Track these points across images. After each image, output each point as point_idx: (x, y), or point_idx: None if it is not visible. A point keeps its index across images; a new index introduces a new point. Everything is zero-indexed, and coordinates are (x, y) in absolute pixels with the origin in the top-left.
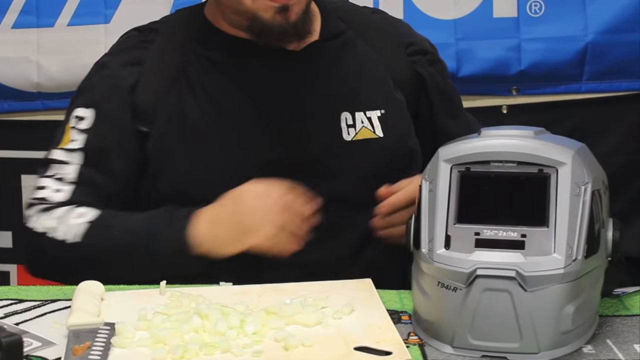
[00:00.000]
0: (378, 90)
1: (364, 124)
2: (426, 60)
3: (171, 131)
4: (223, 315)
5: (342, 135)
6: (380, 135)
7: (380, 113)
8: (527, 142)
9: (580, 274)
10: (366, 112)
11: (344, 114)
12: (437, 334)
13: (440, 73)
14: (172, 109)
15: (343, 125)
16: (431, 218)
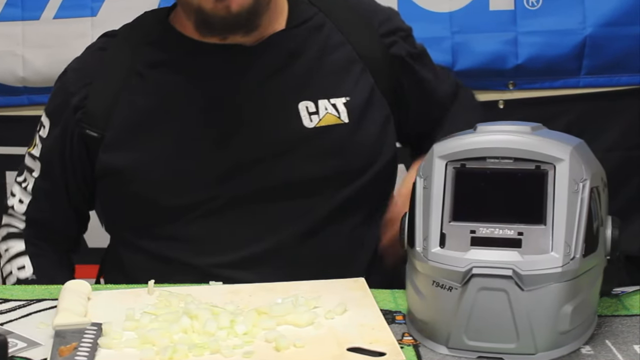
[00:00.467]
0: (344, 76)
1: (328, 111)
2: (399, 38)
3: (124, 136)
4: (213, 315)
5: (302, 123)
6: (345, 120)
7: (345, 100)
8: (524, 138)
9: (578, 272)
10: (330, 99)
11: (303, 103)
12: (432, 334)
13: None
14: (124, 115)
15: (303, 114)
16: (426, 216)
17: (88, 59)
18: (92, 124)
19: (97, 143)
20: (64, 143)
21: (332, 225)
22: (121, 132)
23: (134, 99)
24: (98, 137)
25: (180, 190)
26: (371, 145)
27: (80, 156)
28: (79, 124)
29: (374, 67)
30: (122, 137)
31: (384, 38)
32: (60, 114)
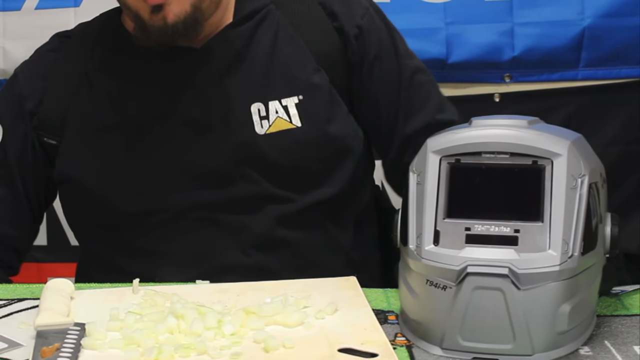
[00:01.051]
0: (295, 74)
1: (278, 114)
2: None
3: (77, 142)
4: (199, 315)
5: (254, 129)
6: (297, 125)
7: (297, 99)
8: (520, 132)
9: (576, 271)
10: (281, 100)
11: (254, 105)
12: (425, 334)
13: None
14: (76, 119)
15: (255, 118)
16: (419, 212)
17: (40, 61)
18: (48, 131)
19: (55, 149)
20: (24, 149)
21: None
22: (73, 139)
23: (84, 105)
24: (56, 144)
25: (130, 201)
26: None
27: (40, 162)
28: (36, 131)
29: (327, 63)
30: (74, 144)
31: (339, 33)
32: (15, 120)
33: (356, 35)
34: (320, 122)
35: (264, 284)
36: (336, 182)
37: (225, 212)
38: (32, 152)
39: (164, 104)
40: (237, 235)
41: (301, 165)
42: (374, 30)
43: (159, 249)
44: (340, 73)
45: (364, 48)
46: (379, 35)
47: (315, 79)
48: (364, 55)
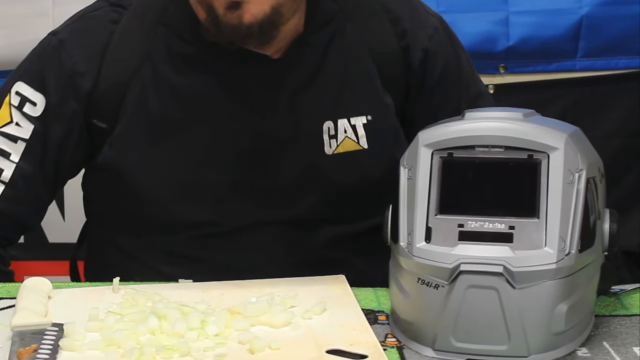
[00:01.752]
0: (365, 92)
1: (347, 134)
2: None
3: (134, 132)
4: (182, 315)
5: (323, 149)
6: (364, 146)
7: (366, 120)
8: (515, 125)
9: (573, 269)
10: (350, 118)
11: (326, 123)
12: (417, 335)
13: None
14: (136, 106)
15: (325, 138)
16: (410, 208)
17: (96, 31)
18: (99, 114)
19: (104, 134)
20: (69, 132)
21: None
22: (131, 128)
23: (145, 92)
24: (107, 128)
25: (183, 208)
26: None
27: (81, 144)
28: (88, 113)
29: (391, 83)
30: (132, 134)
31: (404, 53)
32: (65, 96)
33: (422, 59)
34: (387, 145)
35: (249, 282)
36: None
37: (280, 230)
38: (78, 135)
39: (234, 112)
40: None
41: (362, 189)
42: (440, 54)
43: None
44: (400, 96)
45: (427, 72)
46: (445, 59)
47: (383, 99)
48: (426, 79)
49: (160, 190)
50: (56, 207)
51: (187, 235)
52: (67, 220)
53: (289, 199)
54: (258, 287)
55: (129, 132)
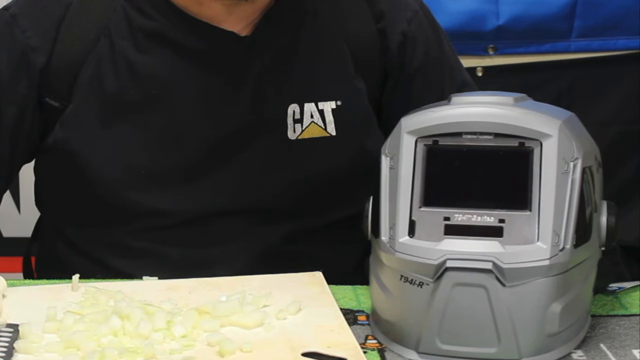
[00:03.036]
0: (336, 76)
1: (313, 119)
2: (397, 43)
3: (88, 112)
4: (147, 315)
5: (286, 133)
6: (332, 133)
7: (335, 105)
8: (505, 111)
9: (568, 266)
10: (318, 103)
11: (291, 106)
12: (399, 337)
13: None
14: (91, 85)
15: (290, 121)
16: (392, 200)
17: (50, 3)
18: (52, 91)
19: (56, 113)
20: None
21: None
22: (84, 107)
23: (102, 69)
24: (59, 107)
25: (137, 195)
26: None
27: (35, 125)
28: (41, 91)
29: (365, 69)
30: (84, 113)
31: (381, 37)
32: (17, 73)
33: (400, 43)
34: (357, 133)
35: (219, 279)
36: (361, 201)
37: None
38: (32, 115)
39: (196, 93)
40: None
41: (329, 178)
42: (420, 39)
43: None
44: (375, 81)
45: (406, 58)
46: (426, 45)
47: (357, 84)
48: (405, 66)
49: (113, 175)
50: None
51: (141, 226)
52: (23, 213)
53: (250, 187)
54: (228, 285)
55: (81, 111)
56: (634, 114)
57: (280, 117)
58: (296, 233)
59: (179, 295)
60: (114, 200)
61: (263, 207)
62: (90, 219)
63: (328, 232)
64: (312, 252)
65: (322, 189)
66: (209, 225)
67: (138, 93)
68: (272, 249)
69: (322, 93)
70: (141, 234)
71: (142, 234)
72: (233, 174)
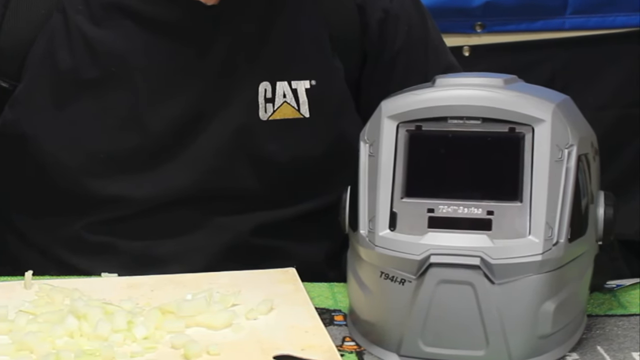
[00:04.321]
0: (311, 53)
1: (286, 99)
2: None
3: (41, 93)
4: (106, 315)
5: (257, 113)
6: (305, 115)
7: (310, 84)
8: (494, 94)
9: (562, 262)
10: (291, 82)
11: (263, 84)
12: (379, 338)
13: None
14: (42, 63)
15: (261, 100)
16: (372, 190)
17: None
18: (3, 72)
19: (5, 94)
20: None
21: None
22: (35, 87)
23: (54, 47)
24: (8, 88)
25: (94, 181)
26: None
27: None
28: None
29: (342, 47)
30: (35, 93)
31: (361, 14)
32: None
33: (380, 20)
34: (333, 115)
35: (184, 276)
36: (336, 190)
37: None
38: None
39: (159, 70)
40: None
41: (302, 165)
42: (403, 17)
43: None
44: (353, 61)
45: (387, 38)
46: (409, 24)
47: (332, 62)
48: (386, 46)
49: (68, 160)
50: None
51: (98, 217)
52: None
53: (218, 171)
54: (194, 282)
55: (32, 91)
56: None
57: (250, 96)
58: (267, 224)
59: (141, 294)
60: (69, 188)
61: (231, 194)
62: (43, 209)
63: (301, 224)
64: (284, 246)
65: (295, 175)
66: (172, 214)
67: (95, 70)
68: (241, 241)
69: (295, 71)
70: (99, 227)
71: (100, 226)
72: (199, 156)
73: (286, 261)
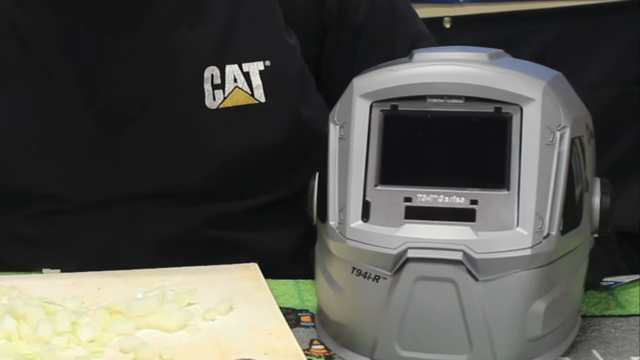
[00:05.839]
0: (263, 31)
1: (237, 84)
2: None
3: None
4: (47, 315)
5: (204, 101)
6: (261, 100)
7: (263, 66)
8: (478, 70)
9: (554, 256)
10: (242, 64)
11: (208, 69)
12: (351, 341)
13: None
14: None
15: (207, 87)
16: (342, 177)
17: None
18: None
19: None
20: None
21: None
22: None
23: None
24: None
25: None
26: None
27: None
28: None
29: (297, 21)
30: None
31: None
32: None
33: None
34: (291, 98)
35: (133, 273)
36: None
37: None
38: None
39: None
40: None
41: (259, 154)
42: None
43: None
44: (311, 36)
45: (349, 7)
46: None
47: (287, 39)
48: (347, 17)
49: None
50: None
51: (35, 211)
52: None
53: (163, 167)
54: (145, 279)
55: None
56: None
57: (194, 82)
58: (222, 215)
59: (86, 292)
60: (3, 181)
61: (178, 191)
62: None
63: (262, 215)
64: (244, 238)
65: (252, 167)
66: (115, 208)
67: (21, 55)
68: (193, 233)
69: (246, 52)
70: (37, 220)
71: (38, 220)
72: (141, 150)
73: (247, 255)
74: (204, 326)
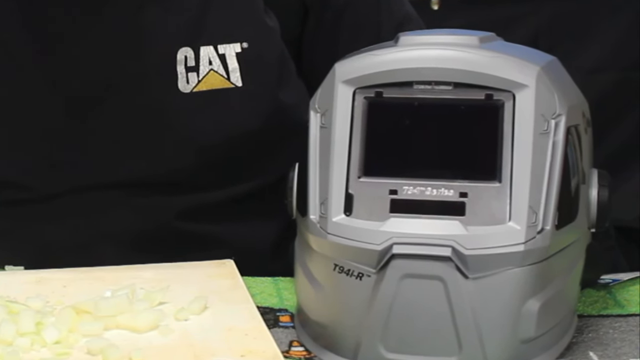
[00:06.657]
0: (240, 11)
1: (212, 67)
2: None
3: None
4: (10, 315)
5: (177, 85)
6: (237, 84)
7: (240, 48)
8: (468, 54)
9: (549, 252)
10: (218, 46)
11: (181, 51)
12: (332, 343)
13: None
14: None
15: (180, 69)
16: (324, 168)
17: None
18: None
19: None
20: None
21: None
22: None
23: None
24: None
25: None
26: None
27: None
28: None
29: (275, 2)
30: None
31: None
32: None
33: None
34: (269, 83)
35: (101, 270)
36: (277, 169)
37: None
38: None
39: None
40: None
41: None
42: None
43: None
44: (291, 18)
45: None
46: None
47: (266, 21)
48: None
49: None
50: None
51: None
52: None
53: (130, 154)
54: (114, 277)
55: None
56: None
57: (166, 64)
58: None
59: (51, 290)
60: None
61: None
62: None
63: (238, 207)
64: (219, 232)
65: (227, 155)
66: (82, 199)
67: None
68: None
69: (222, 33)
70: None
71: None
72: (107, 136)
73: (223, 250)
74: (177, 327)
